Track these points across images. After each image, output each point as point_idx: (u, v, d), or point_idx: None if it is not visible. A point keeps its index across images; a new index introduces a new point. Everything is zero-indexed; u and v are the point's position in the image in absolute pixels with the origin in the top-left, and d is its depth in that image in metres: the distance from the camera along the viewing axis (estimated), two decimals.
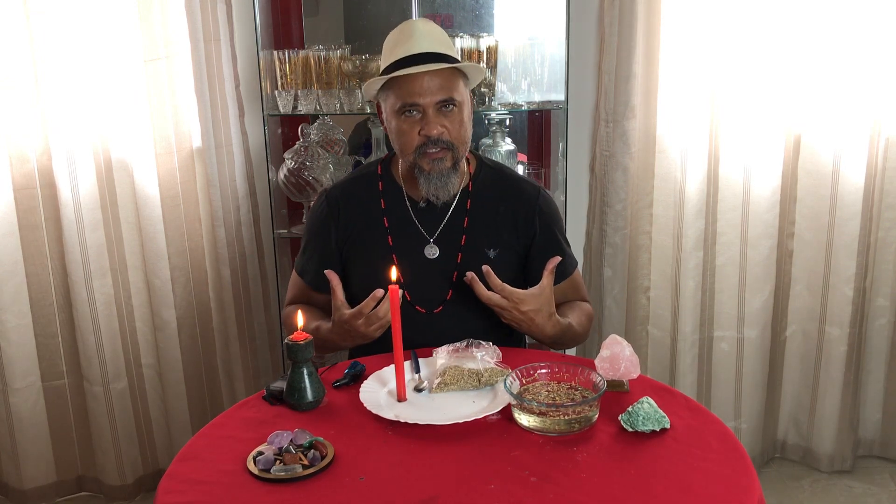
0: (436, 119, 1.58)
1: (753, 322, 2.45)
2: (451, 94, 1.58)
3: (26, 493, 2.43)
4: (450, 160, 1.61)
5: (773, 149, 2.34)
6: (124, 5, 2.20)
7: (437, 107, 1.58)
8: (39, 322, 2.36)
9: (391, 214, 1.71)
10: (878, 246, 2.44)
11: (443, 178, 1.61)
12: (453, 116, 1.59)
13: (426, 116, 1.57)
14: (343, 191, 1.76)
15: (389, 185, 1.74)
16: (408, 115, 1.59)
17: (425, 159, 1.60)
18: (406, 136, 1.60)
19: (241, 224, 2.46)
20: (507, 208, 1.72)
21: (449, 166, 1.61)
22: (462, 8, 2.50)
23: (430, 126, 1.57)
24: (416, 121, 1.59)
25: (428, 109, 1.57)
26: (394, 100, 1.60)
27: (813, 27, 2.26)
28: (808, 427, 2.55)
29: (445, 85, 1.57)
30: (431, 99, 1.56)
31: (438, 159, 1.59)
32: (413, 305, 1.69)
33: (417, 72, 1.55)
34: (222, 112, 2.35)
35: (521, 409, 1.29)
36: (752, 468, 1.17)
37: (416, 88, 1.56)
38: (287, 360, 1.46)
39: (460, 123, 1.61)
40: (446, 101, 1.58)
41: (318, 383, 1.39)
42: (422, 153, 1.59)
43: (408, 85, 1.56)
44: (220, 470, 1.20)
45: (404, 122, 1.60)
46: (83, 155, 2.24)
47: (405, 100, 1.57)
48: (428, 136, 1.57)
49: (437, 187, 1.62)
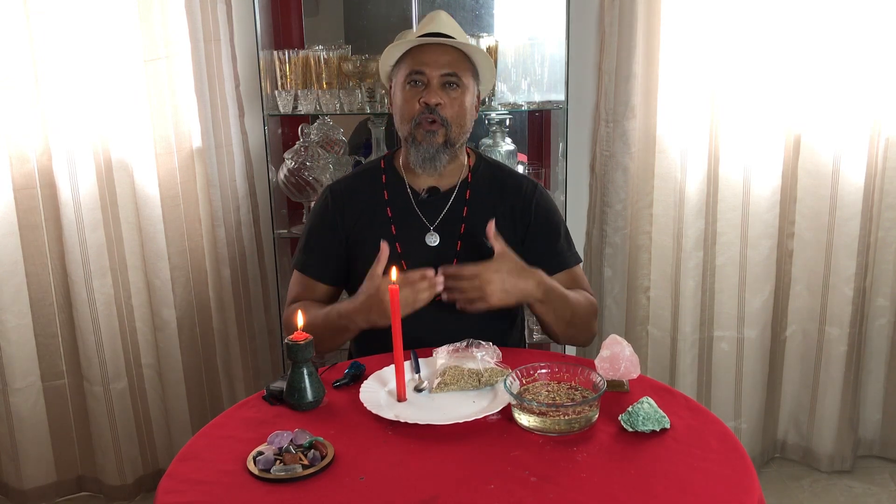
0: (438, 90, 1.65)
1: (753, 322, 2.45)
2: (458, 72, 1.66)
3: (26, 493, 2.43)
4: (442, 136, 1.66)
5: (773, 149, 2.34)
6: (124, 5, 2.20)
7: (442, 80, 1.65)
8: (39, 322, 2.36)
9: (394, 204, 1.75)
10: (878, 246, 2.44)
11: (431, 150, 1.66)
12: (455, 96, 1.66)
13: (429, 86, 1.65)
14: (347, 186, 1.80)
15: (392, 177, 1.78)
16: (413, 86, 1.66)
17: (420, 129, 1.66)
18: (407, 105, 1.67)
19: (241, 224, 2.46)
20: (505, 201, 1.76)
21: (440, 142, 1.66)
22: (462, 8, 2.50)
23: (430, 94, 1.64)
24: (419, 91, 1.66)
25: (433, 80, 1.65)
26: (404, 69, 1.68)
27: (813, 27, 2.26)
28: (808, 427, 2.55)
29: (453, 63, 1.66)
30: (438, 70, 1.64)
31: (431, 132, 1.65)
32: None
33: (431, 42, 1.65)
34: (222, 112, 2.35)
35: (521, 409, 1.29)
36: (752, 468, 1.17)
37: (425, 58, 1.65)
38: (287, 360, 1.46)
39: (460, 105, 1.67)
40: (451, 76, 1.65)
41: (318, 383, 1.39)
42: (417, 123, 1.66)
43: (419, 55, 1.66)
44: (220, 470, 1.20)
45: (408, 91, 1.67)
46: (83, 155, 2.24)
47: (413, 67, 1.65)
48: (427, 104, 1.64)
49: (425, 159, 1.67)
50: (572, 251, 1.80)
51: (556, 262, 1.74)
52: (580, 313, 1.68)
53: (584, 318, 1.69)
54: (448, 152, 1.68)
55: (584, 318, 1.69)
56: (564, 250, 1.77)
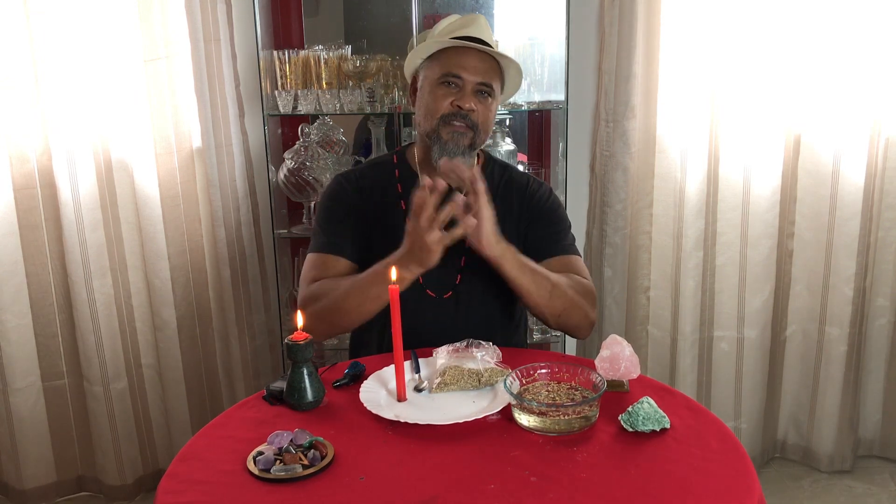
0: (472, 96, 1.65)
1: (753, 322, 2.45)
2: (493, 81, 1.66)
3: (26, 493, 2.43)
4: (469, 139, 1.66)
5: (773, 149, 2.34)
6: (124, 5, 2.20)
7: (476, 87, 1.65)
8: (39, 322, 2.36)
9: (407, 199, 1.71)
10: (878, 246, 2.45)
11: (457, 151, 1.65)
12: (486, 104, 1.67)
13: (464, 91, 1.65)
14: (359, 174, 1.79)
15: (405, 172, 1.77)
16: (447, 86, 1.65)
17: (447, 129, 1.65)
18: (438, 102, 1.65)
19: (241, 224, 2.46)
20: (511, 197, 1.77)
21: (466, 144, 1.66)
22: (462, 8, 2.50)
23: (465, 99, 1.64)
24: (451, 92, 1.65)
25: (468, 85, 1.64)
26: (437, 68, 1.66)
27: (813, 27, 2.26)
28: (808, 427, 2.55)
29: (489, 72, 1.66)
30: (476, 77, 1.64)
31: (460, 133, 1.65)
32: (424, 289, 1.69)
33: (474, 47, 1.64)
34: (222, 112, 2.35)
35: (521, 409, 1.29)
36: (752, 468, 1.17)
37: (464, 62, 1.64)
38: (287, 360, 1.46)
39: (488, 113, 1.68)
40: (486, 85, 1.65)
41: (318, 383, 1.39)
42: (446, 122, 1.65)
43: (458, 57, 1.64)
44: (220, 470, 1.20)
45: (441, 89, 1.65)
46: (83, 155, 2.24)
47: (451, 69, 1.64)
48: (460, 107, 1.64)
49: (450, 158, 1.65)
50: (570, 243, 1.77)
51: (550, 246, 1.72)
52: (564, 290, 1.61)
53: (570, 297, 1.62)
54: (470, 155, 1.68)
55: (572, 297, 1.63)
56: (561, 238, 1.75)
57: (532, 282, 1.58)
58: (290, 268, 2.57)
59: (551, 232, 1.75)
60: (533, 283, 1.58)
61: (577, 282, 1.67)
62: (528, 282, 1.58)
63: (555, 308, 1.62)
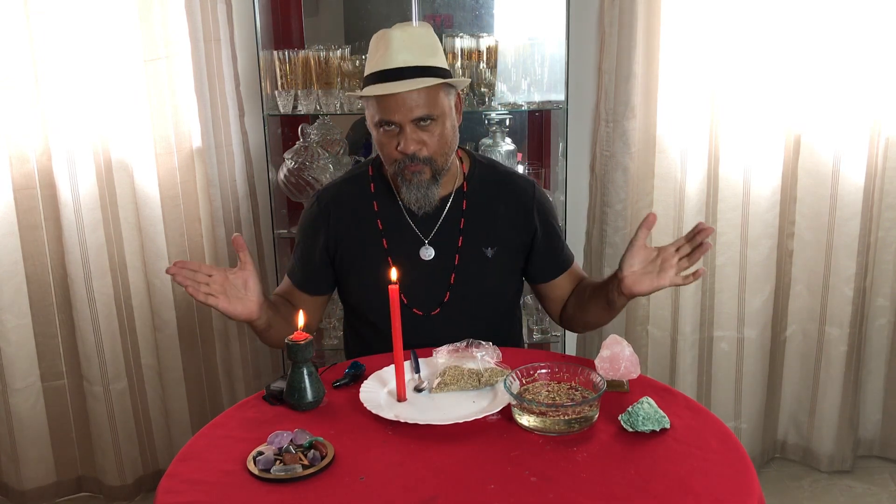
0: (412, 135, 1.55)
1: (753, 322, 2.45)
2: (428, 110, 1.54)
3: (26, 493, 2.43)
4: (428, 173, 1.59)
5: (773, 149, 2.34)
6: (124, 5, 2.20)
7: (414, 123, 1.54)
8: (39, 322, 2.36)
9: (384, 217, 1.70)
10: (878, 246, 2.44)
11: (422, 188, 1.60)
12: (432, 130, 1.56)
13: (403, 132, 1.55)
14: (335, 193, 1.75)
15: (381, 186, 1.72)
16: (386, 129, 1.57)
17: (404, 172, 1.59)
18: (385, 149, 1.59)
19: (241, 224, 2.46)
20: (505, 206, 1.71)
21: (428, 178, 1.59)
22: (462, 8, 2.50)
23: (406, 143, 1.54)
24: (394, 134, 1.56)
25: (405, 126, 1.54)
26: (372, 112, 1.58)
27: (813, 27, 2.26)
28: (808, 427, 2.54)
29: (421, 102, 1.53)
30: (407, 116, 1.53)
31: (417, 172, 1.58)
32: (410, 308, 1.67)
33: (387, 92, 1.51)
34: (222, 112, 2.35)
35: (521, 409, 1.29)
36: (752, 468, 1.17)
37: (391, 106, 1.53)
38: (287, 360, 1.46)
39: (440, 136, 1.57)
40: (422, 118, 1.54)
41: (318, 383, 1.39)
42: (401, 167, 1.58)
43: (382, 102, 1.54)
44: (220, 470, 1.20)
45: (383, 135, 1.58)
46: (83, 155, 2.24)
47: (382, 115, 1.55)
48: (404, 154, 1.56)
49: (418, 198, 1.61)
50: (569, 250, 1.80)
51: (559, 264, 1.75)
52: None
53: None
54: (437, 183, 1.62)
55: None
56: (560, 251, 1.76)
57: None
58: None
59: (552, 248, 1.74)
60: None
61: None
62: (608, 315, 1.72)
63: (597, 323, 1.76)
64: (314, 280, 1.75)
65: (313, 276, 1.74)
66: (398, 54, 1.53)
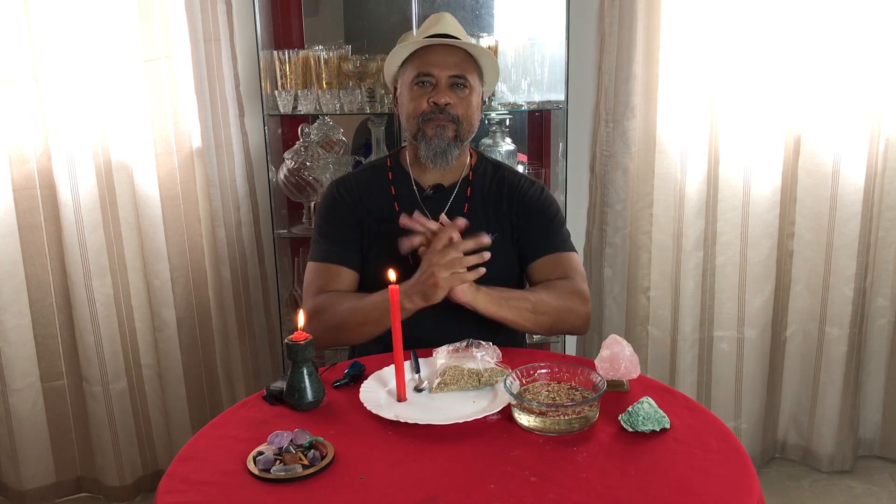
0: (447, 91, 1.68)
1: (753, 322, 2.45)
2: (465, 73, 1.69)
3: (25, 494, 2.43)
4: (452, 131, 1.69)
5: (773, 149, 2.34)
6: (124, 5, 2.20)
7: (450, 81, 1.68)
8: (39, 322, 2.36)
9: (400, 199, 1.77)
10: (878, 246, 2.44)
11: (443, 144, 1.68)
12: (463, 96, 1.69)
13: (438, 86, 1.68)
14: (354, 178, 1.82)
15: (399, 173, 1.80)
16: (421, 86, 1.69)
17: (430, 124, 1.68)
18: (416, 102, 1.69)
19: (241, 224, 2.46)
20: (504, 198, 1.78)
21: (451, 136, 1.69)
22: (462, 8, 2.50)
23: (440, 94, 1.67)
24: (427, 91, 1.69)
25: (441, 81, 1.67)
26: (411, 70, 1.70)
27: (813, 27, 2.26)
28: (809, 427, 2.54)
29: (461, 64, 1.68)
30: (446, 72, 1.67)
31: (442, 126, 1.68)
32: None
33: (438, 43, 1.68)
34: (222, 112, 2.35)
35: (521, 409, 1.29)
36: (752, 468, 1.17)
37: (433, 59, 1.67)
38: (287, 360, 1.47)
39: (468, 104, 1.70)
40: (459, 77, 1.68)
41: (318, 383, 1.39)
42: (427, 118, 1.68)
43: (426, 56, 1.68)
44: (220, 470, 1.20)
45: (417, 90, 1.69)
46: (83, 155, 2.24)
47: (421, 69, 1.68)
48: (436, 103, 1.67)
49: (437, 153, 1.69)
50: (562, 239, 1.76)
51: (541, 245, 1.73)
52: (547, 302, 1.62)
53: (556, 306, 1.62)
54: (458, 147, 1.71)
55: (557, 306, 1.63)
56: (552, 236, 1.75)
57: (511, 310, 1.59)
58: (290, 268, 2.57)
59: (543, 231, 1.76)
60: (512, 311, 1.59)
61: (561, 287, 1.66)
62: (508, 313, 1.59)
63: (543, 324, 1.63)
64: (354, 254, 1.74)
65: (353, 249, 1.74)
66: (448, 27, 1.72)
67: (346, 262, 1.72)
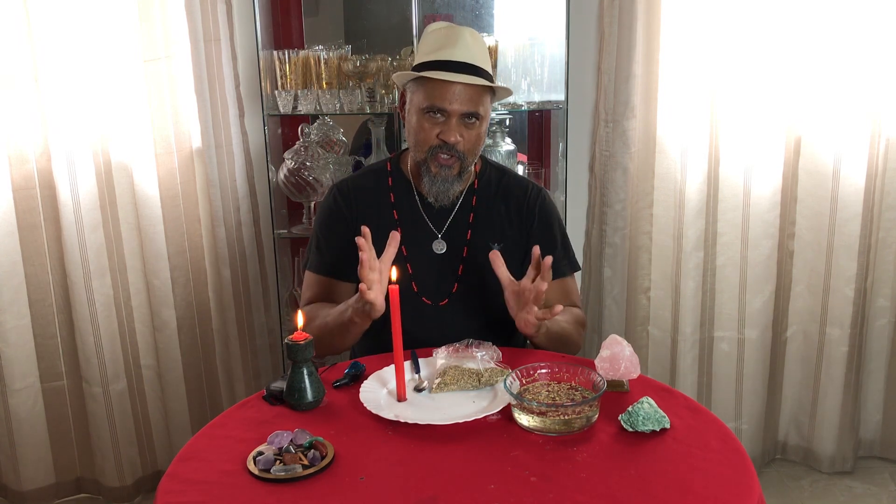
0: (457, 128, 1.61)
1: (754, 322, 2.45)
2: (478, 108, 1.62)
3: (25, 494, 2.43)
4: (457, 168, 1.65)
5: (774, 149, 2.34)
6: (124, 5, 2.20)
7: (461, 117, 1.61)
8: (38, 323, 2.36)
9: (400, 208, 1.75)
10: (878, 247, 2.44)
11: (446, 183, 1.66)
12: (473, 129, 1.63)
13: (448, 123, 1.61)
14: (353, 185, 1.79)
15: (399, 180, 1.77)
16: (431, 116, 1.62)
17: (435, 161, 1.64)
18: (424, 134, 1.63)
19: (241, 224, 2.46)
20: (510, 204, 1.77)
21: (455, 174, 1.65)
22: (462, 8, 2.50)
23: (449, 133, 1.61)
24: (437, 123, 1.62)
25: (452, 117, 1.61)
26: (422, 97, 1.62)
27: (813, 27, 2.26)
28: (809, 428, 2.54)
29: (475, 98, 1.61)
30: (459, 108, 1.60)
31: (447, 166, 1.64)
32: (420, 297, 1.71)
33: (454, 80, 1.58)
34: (222, 112, 2.35)
35: (521, 409, 1.29)
36: (753, 469, 1.17)
37: (447, 94, 1.59)
38: (287, 360, 1.46)
39: (477, 137, 1.65)
40: (471, 114, 1.61)
41: (318, 383, 1.39)
42: (433, 155, 1.63)
43: (440, 88, 1.59)
44: (220, 470, 1.20)
45: (426, 120, 1.62)
46: (83, 155, 2.24)
47: (433, 102, 1.60)
48: (444, 141, 1.61)
49: (440, 191, 1.66)
50: (568, 259, 1.80)
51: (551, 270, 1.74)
52: (569, 333, 1.69)
53: (569, 333, 1.69)
54: (460, 182, 1.69)
55: (570, 334, 1.69)
56: (560, 259, 1.76)
57: (550, 342, 1.63)
58: (290, 268, 2.57)
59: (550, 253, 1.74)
60: (550, 343, 1.63)
61: (573, 315, 1.72)
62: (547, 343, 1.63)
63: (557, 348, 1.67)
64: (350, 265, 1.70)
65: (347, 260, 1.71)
66: (465, 51, 1.61)
67: (338, 274, 1.74)
